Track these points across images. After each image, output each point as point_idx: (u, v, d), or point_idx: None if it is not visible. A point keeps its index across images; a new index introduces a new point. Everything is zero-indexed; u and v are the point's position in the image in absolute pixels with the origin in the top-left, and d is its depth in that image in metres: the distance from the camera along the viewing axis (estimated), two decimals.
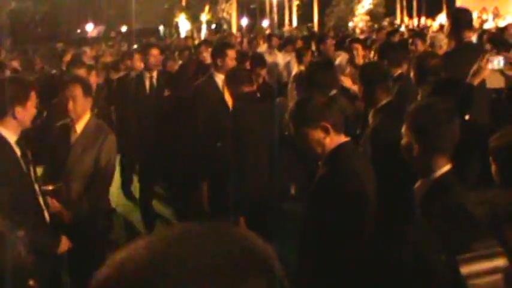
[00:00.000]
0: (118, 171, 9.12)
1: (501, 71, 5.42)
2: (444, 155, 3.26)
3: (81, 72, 6.79)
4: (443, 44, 8.43)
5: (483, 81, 5.33)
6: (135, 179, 9.06)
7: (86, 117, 5.26)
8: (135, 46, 19.69)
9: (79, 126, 5.22)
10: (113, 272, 1.01)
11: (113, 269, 1.01)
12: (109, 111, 8.09)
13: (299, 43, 12.95)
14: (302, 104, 3.78)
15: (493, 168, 3.20)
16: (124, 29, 44.91)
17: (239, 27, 48.07)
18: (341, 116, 3.78)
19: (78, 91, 5.09)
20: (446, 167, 3.24)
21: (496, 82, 5.49)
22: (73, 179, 5.15)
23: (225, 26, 50.37)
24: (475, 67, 5.15)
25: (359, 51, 8.52)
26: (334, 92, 5.66)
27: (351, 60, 8.73)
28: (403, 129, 3.39)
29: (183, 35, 44.02)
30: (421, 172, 3.33)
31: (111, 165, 5.35)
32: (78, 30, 48.72)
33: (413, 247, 4.07)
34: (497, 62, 5.15)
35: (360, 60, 8.22)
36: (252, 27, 48.66)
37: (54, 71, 10.97)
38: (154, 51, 8.28)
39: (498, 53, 5.56)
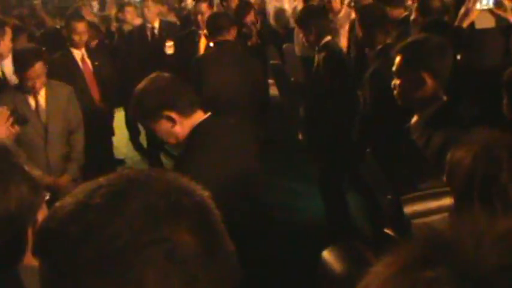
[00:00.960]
0: (125, 123, 9.15)
1: (490, 10, 5.30)
2: (441, 88, 3.27)
3: (81, 26, 6.69)
4: None
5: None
6: (143, 130, 9.08)
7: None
8: None
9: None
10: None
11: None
12: (113, 63, 8.03)
13: None
14: (139, 98, 3.22)
15: (505, 101, 3.25)
16: None
17: None
18: (188, 93, 3.23)
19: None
20: (442, 100, 3.25)
21: (487, 22, 5.36)
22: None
23: None
24: (462, 9, 5.08)
25: None
26: (328, 38, 5.59)
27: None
28: (395, 68, 3.36)
29: None
30: (420, 106, 3.31)
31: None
32: None
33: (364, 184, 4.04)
34: (486, 1, 5.07)
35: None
36: None
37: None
38: (150, 3, 8.23)
39: None
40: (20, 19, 9.49)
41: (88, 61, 6.86)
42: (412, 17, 5.85)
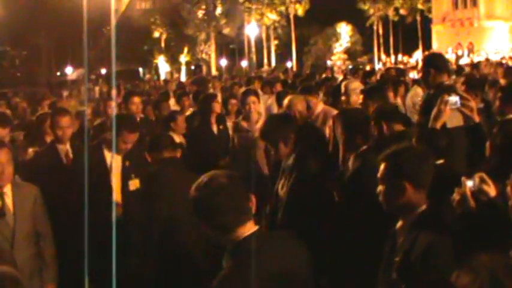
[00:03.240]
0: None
1: (459, 110, 5.61)
2: (424, 193, 3.41)
3: (66, 121, 6.78)
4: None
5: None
6: None
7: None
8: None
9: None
10: None
11: None
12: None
13: (278, 86, 13.08)
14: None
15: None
16: (104, 71, 45.09)
17: (218, 68, 48.51)
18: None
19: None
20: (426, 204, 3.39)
21: (456, 121, 5.67)
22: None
23: (204, 67, 50.81)
24: (435, 111, 5.35)
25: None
26: None
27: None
28: (380, 174, 3.51)
29: (162, 76, 44.36)
30: (403, 212, 3.44)
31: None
32: (58, 73, 48.91)
33: None
34: (455, 101, 5.37)
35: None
36: (231, 68, 49.12)
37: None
38: (136, 99, 8.41)
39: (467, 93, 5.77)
40: None
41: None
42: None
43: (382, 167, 3.53)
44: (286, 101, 7.15)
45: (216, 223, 2.98)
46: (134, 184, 6.02)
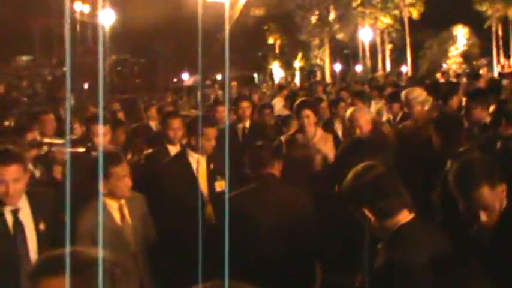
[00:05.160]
0: None
1: None
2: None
3: (177, 123, 7.11)
4: None
5: None
6: None
7: None
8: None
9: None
10: None
11: None
12: None
13: (389, 90, 12.94)
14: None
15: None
16: (219, 77, 46.06)
17: (332, 73, 48.47)
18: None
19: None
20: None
21: None
22: None
23: (318, 73, 50.91)
24: None
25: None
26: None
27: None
28: None
29: (277, 81, 44.78)
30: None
31: None
32: (175, 80, 50.34)
33: None
34: None
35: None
36: (345, 73, 48.98)
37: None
38: (245, 104, 8.68)
39: None
40: None
41: None
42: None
43: None
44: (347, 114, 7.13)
45: (380, 206, 3.15)
46: (220, 185, 6.13)
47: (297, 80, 46.84)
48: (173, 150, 7.01)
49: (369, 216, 3.18)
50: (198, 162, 6.15)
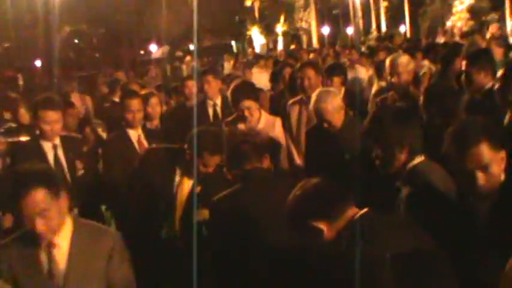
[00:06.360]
0: None
1: None
2: None
3: (136, 104, 7.10)
4: None
5: None
6: None
7: None
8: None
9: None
10: None
11: None
12: None
13: (381, 55, 12.93)
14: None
15: None
16: (192, 47, 45.89)
17: (320, 37, 48.45)
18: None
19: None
20: None
21: None
22: None
23: (304, 37, 50.88)
24: None
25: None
26: None
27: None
28: None
29: (257, 49, 44.74)
30: None
31: None
32: (142, 52, 50.16)
33: None
34: None
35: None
36: (335, 37, 48.92)
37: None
38: (210, 78, 8.71)
39: None
40: None
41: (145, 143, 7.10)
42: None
43: None
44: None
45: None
46: (201, 214, 5.47)
47: (280, 47, 46.78)
48: (134, 134, 7.03)
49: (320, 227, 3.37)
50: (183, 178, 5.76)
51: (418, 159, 4.12)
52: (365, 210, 3.38)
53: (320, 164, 6.15)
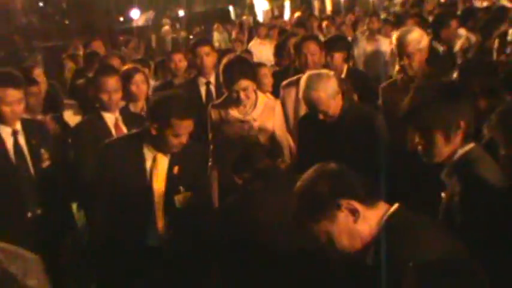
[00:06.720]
0: None
1: None
2: None
3: (113, 82, 7.05)
4: None
5: None
6: None
7: None
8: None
9: None
10: None
11: None
12: None
13: (409, 23, 12.76)
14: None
15: None
16: (182, 13, 45.76)
17: (335, 2, 48.29)
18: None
19: None
20: None
21: None
22: None
23: (315, 2, 50.74)
24: None
25: None
26: None
27: None
28: None
29: (260, 17, 44.60)
30: None
31: None
32: (121, 19, 50.01)
33: None
34: None
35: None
36: (353, 1, 48.73)
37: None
38: (205, 49, 8.62)
39: None
40: None
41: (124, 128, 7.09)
42: None
43: None
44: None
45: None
46: (180, 199, 5.72)
47: (287, 14, 46.63)
48: (110, 118, 6.97)
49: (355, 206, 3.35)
50: (156, 161, 5.77)
51: (470, 145, 3.92)
52: (396, 206, 3.35)
53: (315, 160, 6.09)
